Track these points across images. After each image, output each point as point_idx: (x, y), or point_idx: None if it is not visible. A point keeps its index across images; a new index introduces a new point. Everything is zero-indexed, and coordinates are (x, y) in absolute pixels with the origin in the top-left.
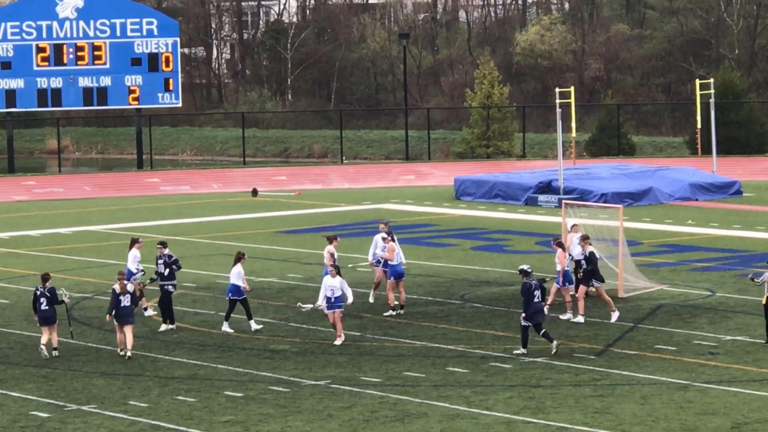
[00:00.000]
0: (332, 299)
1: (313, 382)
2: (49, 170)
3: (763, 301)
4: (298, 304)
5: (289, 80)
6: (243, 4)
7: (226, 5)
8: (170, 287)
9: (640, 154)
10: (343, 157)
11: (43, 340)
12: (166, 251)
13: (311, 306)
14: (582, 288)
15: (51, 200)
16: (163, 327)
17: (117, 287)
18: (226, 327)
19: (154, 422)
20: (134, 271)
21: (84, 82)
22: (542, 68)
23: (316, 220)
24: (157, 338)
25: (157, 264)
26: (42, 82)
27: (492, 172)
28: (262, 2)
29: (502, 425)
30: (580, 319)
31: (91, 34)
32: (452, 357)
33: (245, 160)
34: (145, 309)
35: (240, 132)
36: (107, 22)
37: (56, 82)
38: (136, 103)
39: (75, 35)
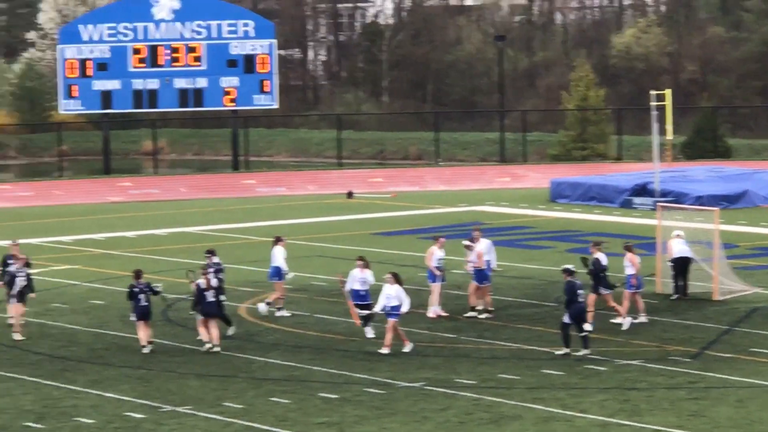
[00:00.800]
0: (387, 307)
1: (408, 384)
2: (145, 171)
3: None
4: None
5: (384, 82)
6: (339, 6)
7: (322, 7)
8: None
9: (736, 156)
10: (439, 159)
11: (141, 336)
12: (215, 259)
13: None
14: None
15: (146, 201)
16: (231, 330)
17: (202, 282)
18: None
19: (248, 423)
20: (283, 268)
21: (180, 83)
22: (638, 71)
23: (412, 221)
24: (253, 339)
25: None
26: (138, 84)
27: (587, 175)
28: (358, 4)
29: (597, 428)
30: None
31: (187, 35)
32: (547, 359)
33: (341, 161)
34: (279, 309)
35: (336, 134)
36: (203, 24)
37: (152, 84)
38: (232, 104)
39: (171, 36)
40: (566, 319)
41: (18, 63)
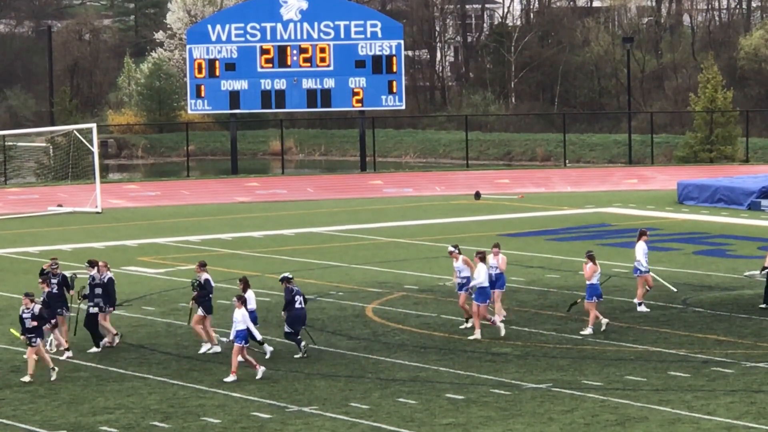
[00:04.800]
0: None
1: (534, 386)
2: (272, 172)
3: None
4: (224, 339)
5: (512, 83)
6: (467, 7)
7: (450, 8)
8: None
9: None
10: (566, 161)
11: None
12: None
13: (226, 339)
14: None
15: (274, 201)
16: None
17: None
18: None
19: (375, 424)
20: (644, 263)
21: (307, 83)
22: (766, 72)
23: (539, 223)
24: (379, 340)
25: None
26: (266, 84)
27: (715, 177)
28: (486, 5)
29: (723, 430)
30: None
31: (315, 36)
32: (674, 361)
33: (468, 162)
34: (640, 304)
35: (463, 135)
36: (331, 24)
37: (280, 84)
38: (360, 105)
39: (299, 37)
40: (287, 328)
41: (146, 63)
